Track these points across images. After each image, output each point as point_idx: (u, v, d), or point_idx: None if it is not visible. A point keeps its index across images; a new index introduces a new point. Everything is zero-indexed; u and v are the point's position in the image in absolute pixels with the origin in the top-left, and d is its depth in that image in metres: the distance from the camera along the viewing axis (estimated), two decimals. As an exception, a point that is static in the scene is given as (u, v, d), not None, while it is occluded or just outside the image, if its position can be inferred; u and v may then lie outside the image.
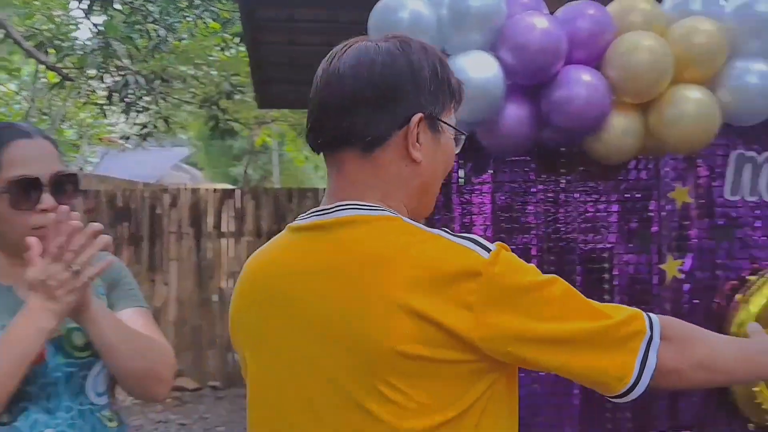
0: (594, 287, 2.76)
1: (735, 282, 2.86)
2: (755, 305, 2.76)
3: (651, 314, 1.07)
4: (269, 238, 1.23)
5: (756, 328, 1.23)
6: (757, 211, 2.89)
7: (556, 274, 1.05)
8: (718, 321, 2.73)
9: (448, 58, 2.41)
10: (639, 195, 2.85)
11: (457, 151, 1.17)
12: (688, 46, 2.39)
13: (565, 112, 2.36)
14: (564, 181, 2.81)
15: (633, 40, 2.36)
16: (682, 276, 2.85)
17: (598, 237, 2.82)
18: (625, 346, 1.02)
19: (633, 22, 2.43)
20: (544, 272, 1.06)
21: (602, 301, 1.12)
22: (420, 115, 1.08)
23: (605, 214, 2.83)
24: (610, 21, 2.41)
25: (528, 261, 1.08)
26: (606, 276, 2.82)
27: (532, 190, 2.81)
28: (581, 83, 2.35)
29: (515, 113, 2.43)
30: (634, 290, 2.83)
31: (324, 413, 1.00)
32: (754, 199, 2.88)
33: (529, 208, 2.79)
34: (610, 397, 1.05)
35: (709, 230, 2.86)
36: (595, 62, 2.42)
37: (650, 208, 2.85)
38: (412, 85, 1.07)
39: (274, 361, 1.07)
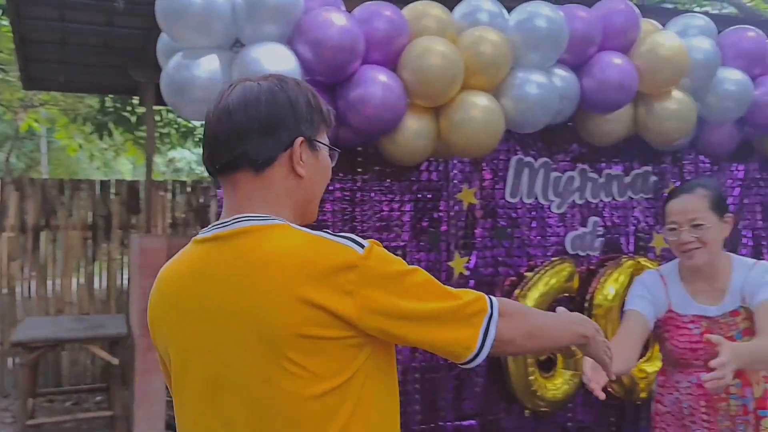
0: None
1: (514, 278, 3.07)
2: (531, 299, 2.98)
3: (491, 296, 1.31)
4: (36, 234, 1.11)
5: (562, 310, 1.53)
6: (534, 213, 3.12)
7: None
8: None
9: (242, 48, 2.29)
10: (430, 195, 2.93)
11: (333, 165, 1.38)
12: (477, 54, 2.49)
13: (361, 112, 2.35)
14: (360, 180, 2.81)
15: (426, 44, 2.41)
16: (468, 273, 2.99)
17: (392, 235, 2.86)
18: (471, 321, 1.26)
19: (426, 26, 2.48)
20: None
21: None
22: (301, 138, 1.29)
23: (399, 213, 2.88)
24: (405, 24, 2.44)
25: None
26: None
27: (329, 188, 2.77)
28: (377, 83, 2.35)
29: (313, 111, 2.37)
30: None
31: (241, 390, 1.22)
32: (530, 201, 3.10)
33: (326, 206, 2.75)
34: (459, 363, 1.28)
35: (491, 230, 3.02)
36: (391, 64, 2.43)
37: (440, 208, 2.95)
38: (292, 115, 1.29)
39: (195, 352, 1.27)
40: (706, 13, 3.20)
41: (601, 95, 2.71)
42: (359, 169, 2.79)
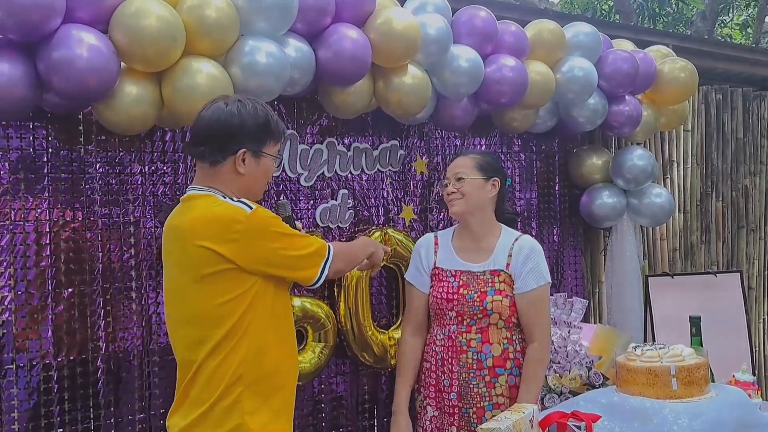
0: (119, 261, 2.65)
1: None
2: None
3: (329, 243, 2.11)
4: None
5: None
6: (282, 186, 3.09)
7: (74, 250, 2.56)
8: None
9: None
10: (166, 168, 2.80)
11: (276, 167, 2.17)
12: (200, 17, 2.39)
13: (65, 76, 2.16)
14: (83, 150, 2.61)
15: (140, 4, 2.27)
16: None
17: (121, 211, 2.69)
18: (317, 262, 2.04)
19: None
20: (59, 248, 2.53)
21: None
22: (243, 150, 1.97)
23: (130, 186, 2.72)
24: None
25: (41, 238, 2.34)
26: (132, 251, 2.72)
27: (44, 159, 2.55)
28: (83, 44, 2.17)
29: (7, 72, 2.14)
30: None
31: (183, 299, 1.97)
32: (278, 173, 3.06)
33: (42, 179, 2.53)
34: (307, 286, 2.08)
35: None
36: (100, 24, 2.26)
37: (178, 181, 2.83)
38: (241, 133, 1.96)
39: (167, 274, 2.04)
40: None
41: (337, 67, 2.72)
42: (80, 139, 2.59)
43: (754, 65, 5.33)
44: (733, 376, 2.54)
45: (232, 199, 1.93)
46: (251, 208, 1.90)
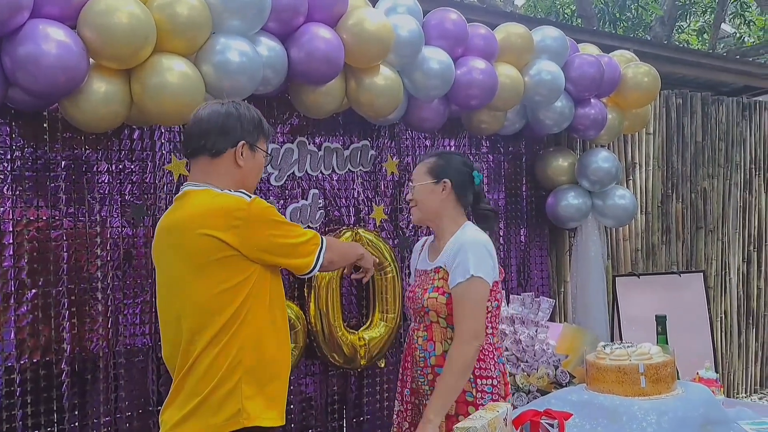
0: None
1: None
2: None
3: (322, 236, 2.18)
4: None
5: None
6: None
7: (37, 249, 2.50)
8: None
9: None
10: (133, 166, 2.75)
11: (266, 165, 2.24)
12: (171, 15, 2.35)
13: (31, 72, 2.11)
14: (47, 148, 2.55)
15: (110, 1, 2.23)
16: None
17: (85, 209, 2.64)
18: (311, 251, 2.11)
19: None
20: (23, 248, 2.48)
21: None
22: (243, 141, 2.06)
23: (95, 184, 2.66)
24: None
25: (4, 236, 2.39)
26: (98, 251, 2.67)
27: (7, 156, 2.48)
28: (51, 40, 2.12)
29: (-30, 67, 2.08)
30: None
31: (182, 292, 2.00)
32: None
33: (4, 177, 2.46)
34: (301, 275, 2.15)
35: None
36: (69, 20, 2.21)
37: (147, 180, 2.79)
38: (240, 126, 2.05)
39: (161, 271, 2.09)
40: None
41: (309, 67, 2.70)
42: (45, 136, 2.53)
43: (711, 70, 5.48)
44: (697, 373, 2.60)
45: (230, 191, 2.00)
46: (250, 197, 1.99)
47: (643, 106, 3.93)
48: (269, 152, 2.18)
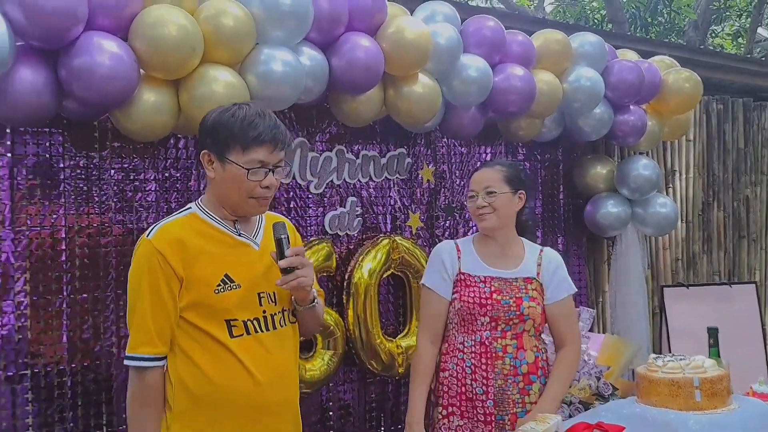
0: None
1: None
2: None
3: (145, 366, 1.81)
4: None
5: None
6: (292, 192, 3.11)
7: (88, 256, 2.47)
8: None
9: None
10: (178, 174, 2.81)
11: (254, 178, 1.83)
12: (217, 26, 2.41)
13: (86, 82, 2.17)
14: (98, 157, 2.62)
15: (160, 13, 2.29)
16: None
17: (134, 217, 2.70)
18: (133, 342, 1.84)
19: (162, -6, 2.36)
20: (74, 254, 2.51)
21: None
22: (204, 151, 1.86)
23: (142, 193, 2.73)
24: (137, -9, 2.30)
25: (58, 243, 2.20)
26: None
27: (60, 165, 2.56)
28: (104, 52, 2.19)
29: (29, 79, 2.16)
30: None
31: None
32: (288, 181, 3.08)
33: (57, 185, 2.54)
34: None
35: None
36: (121, 32, 2.28)
37: (191, 188, 2.84)
38: (203, 132, 1.87)
39: None
40: (457, 6, 3.37)
41: (350, 76, 2.74)
42: (96, 146, 2.60)
43: (749, 75, 5.39)
44: (751, 387, 2.51)
45: (179, 214, 1.89)
46: (151, 233, 1.82)
47: (684, 112, 3.89)
48: (259, 164, 1.82)
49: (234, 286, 1.84)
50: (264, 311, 1.90)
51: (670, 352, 3.50)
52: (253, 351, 1.85)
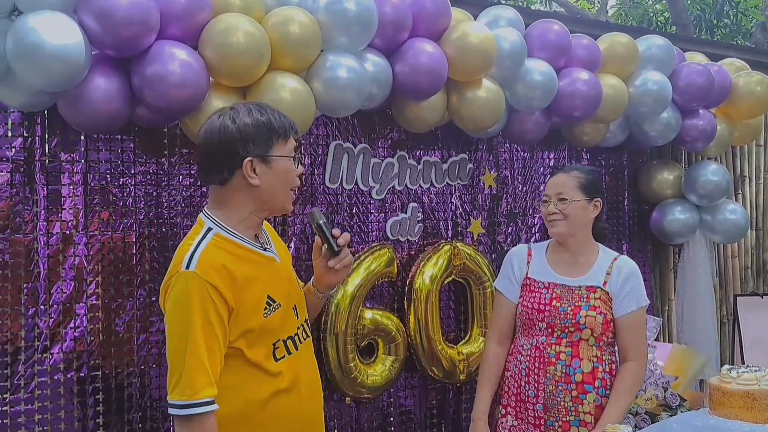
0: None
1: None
2: (352, 284, 2.97)
3: (204, 407, 1.66)
4: None
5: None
6: (354, 198, 3.11)
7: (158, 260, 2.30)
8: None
9: (19, 15, 2.10)
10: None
11: (298, 170, 1.84)
12: (284, 34, 2.43)
13: (158, 90, 2.22)
14: (167, 163, 2.68)
15: (229, 21, 2.32)
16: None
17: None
18: (179, 389, 1.68)
19: (230, 3, 2.39)
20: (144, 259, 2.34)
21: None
22: (248, 159, 1.73)
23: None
24: (207, 0, 2.34)
25: (128, 248, 2.04)
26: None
27: (131, 171, 2.62)
28: (176, 60, 2.23)
29: (103, 87, 2.21)
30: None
31: None
32: (350, 187, 3.09)
33: (128, 190, 2.60)
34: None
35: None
36: (191, 40, 2.32)
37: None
38: (240, 142, 1.73)
39: None
40: (520, 9, 3.33)
41: (413, 81, 2.73)
42: (165, 152, 2.66)
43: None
44: (828, 402, 2.43)
45: (204, 237, 1.72)
46: (191, 265, 1.66)
47: (755, 116, 3.76)
48: (299, 150, 1.83)
49: (276, 306, 1.80)
50: (299, 325, 1.90)
51: (743, 362, 3.38)
52: (295, 369, 1.83)
